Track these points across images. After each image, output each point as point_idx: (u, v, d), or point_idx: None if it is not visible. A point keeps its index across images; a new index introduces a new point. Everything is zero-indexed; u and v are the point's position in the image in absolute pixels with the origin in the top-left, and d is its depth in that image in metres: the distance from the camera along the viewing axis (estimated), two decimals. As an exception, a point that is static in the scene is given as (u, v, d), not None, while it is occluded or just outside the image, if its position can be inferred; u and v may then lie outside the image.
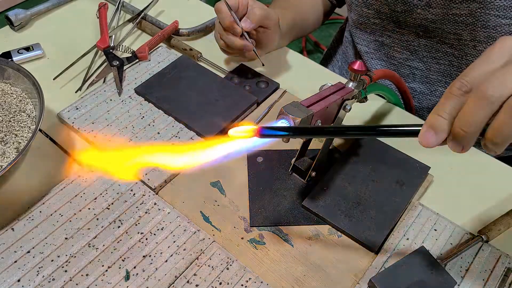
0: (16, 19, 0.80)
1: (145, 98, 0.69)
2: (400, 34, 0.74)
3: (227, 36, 0.65)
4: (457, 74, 0.73)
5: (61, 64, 0.73)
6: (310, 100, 0.50)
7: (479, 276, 0.50)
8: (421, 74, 0.76)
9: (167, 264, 0.51)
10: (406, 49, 0.75)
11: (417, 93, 0.78)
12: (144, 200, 0.56)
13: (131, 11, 0.85)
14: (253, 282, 0.50)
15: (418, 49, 0.74)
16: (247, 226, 0.55)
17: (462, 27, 0.67)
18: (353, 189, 0.57)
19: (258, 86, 0.71)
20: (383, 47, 0.78)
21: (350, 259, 0.52)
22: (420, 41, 0.73)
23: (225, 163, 0.60)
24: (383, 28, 0.75)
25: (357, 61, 0.54)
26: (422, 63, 0.75)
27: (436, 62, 0.74)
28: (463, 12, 0.65)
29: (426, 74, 0.76)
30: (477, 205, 0.58)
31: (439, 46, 0.71)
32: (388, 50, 0.77)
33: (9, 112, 0.60)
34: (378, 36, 0.77)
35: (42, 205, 0.55)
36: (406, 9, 0.69)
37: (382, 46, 0.78)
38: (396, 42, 0.75)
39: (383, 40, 0.77)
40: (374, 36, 0.78)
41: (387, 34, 0.76)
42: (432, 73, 0.75)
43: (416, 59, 0.75)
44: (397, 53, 0.76)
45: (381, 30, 0.76)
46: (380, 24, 0.75)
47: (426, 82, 0.77)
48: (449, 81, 0.75)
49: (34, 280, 0.49)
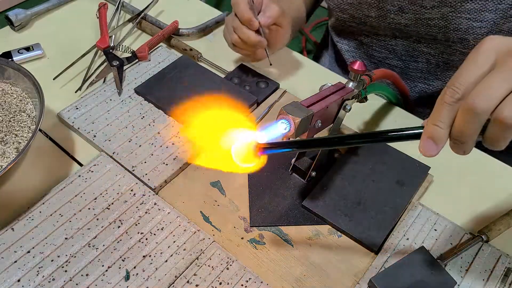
0: (16, 19, 0.80)
1: (145, 98, 0.69)
2: (377, 35, 0.76)
3: (243, 30, 0.64)
4: (434, 71, 0.75)
5: (61, 64, 0.73)
6: (310, 100, 0.50)
7: (479, 276, 0.50)
8: (401, 71, 0.77)
9: (167, 264, 0.51)
10: (384, 48, 0.76)
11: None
12: (144, 200, 0.56)
13: (131, 11, 0.85)
14: (253, 282, 0.50)
15: (396, 48, 0.75)
16: (247, 226, 0.55)
17: (435, 30, 0.68)
18: (353, 189, 0.57)
19: (258, 86, 0.71)
20: (363, 46, 0.79)
21: (350, 259, 0.52)
22: (397, 41, 0.74)
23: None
24: (360, 31, 0.77)
25: (357, 61, 0.54)
26: (400, 61, 0.76)
27: (414, 60, 0.75)
28: (435, 16, 0.66)
29: (405, 71, 0.77)
30: (477, 205, 0.58)
31: (416, 45, 0.73)
32: (367, 49, 0.79)
33: (9, 112, 0.60)
34: (356, 36, 0.79)
35: (42, 205, 0.55)
36: (380, 15, 0.71)
37: (362, 45, 0.79)
38: (374, 42, 0.77)
39: (361, 40, 0.78)
40: (353, 36, 0.79)
41: (365, 35, 0.77)
42: (411, 71, 0.77)
43: (395, 57, 0.77)
44: (376, 52, 0.78)
45: (358, 32, 0.78)
46: (357, 27, 0.77)
47: (406, 79, 0.78)
48: (428, 77, 0.76)
49: (34, 280, 0.49)
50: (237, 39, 0.66)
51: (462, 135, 0.36)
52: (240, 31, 0.64)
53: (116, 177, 0.58)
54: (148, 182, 0.58)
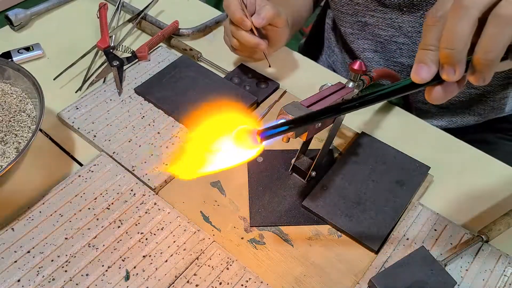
0: (16, 19, 0.80)
1: (145, 98, 0.69)
2: (383, 13, 0.74)
3: (241, 33, 0.64)
4: None
5: (61, 64, 0.73)
6: (310, 100, 0.50)
7: (479, 276, 0.50)
8: (408, 48, 0.76)
9: (167, 264, 0.51)
10: (391, 26, 0.75)
11: (405, 67, 0.78)
12: (144, 200, 0.56)
13: (131, 11, 0.85)
14: (253, 282, 0.50)
15: (403, 25, 0.74)
16: (247, 226, 0.55)
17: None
18: (353, 189, 0.57)
19: (258, 86, 0.71)
20: (367, 26, 0.78)
21: (350, 259, 0.52)
22: (403, 17, 0.73)
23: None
24: (366, 8, 0.75)
25: (357, 61, 0.54)
26: (407, 38, 0.75)
27: (421, 36, 0.74)
28: None
29: (412, 48, 0.76)
30: (477, 205, 0.58)
31: (423, 20, 0.71)
32: (373, 29, 0.77)
33: (9, 112, 0.60)
34: (361, 17, 0.77)
35: (42, 205, 0.55)
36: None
37: (366, 25, 0.78)
38: (380, 21, 0.75)
39: (366, 20, 0.77)
40: (357, 17, 0.78)
41: (370, 14, 0.76)
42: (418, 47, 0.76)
43: (401, 35, 0.76)
44: (382, 31, 0.77)
45: (364, 11, 0.76)
46: (364, 4, 0.75)
47: (413, 56, 0.77)
48: None
49: (34, 280, 0.49)
50: (236, 42, 0.67)
51: (450, 40, 0.33)
52: (238, 35, 0.65)
53: (116, 177, 0.58)
54: (148, 182, 0.58)
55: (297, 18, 0.80)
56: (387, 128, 0.67)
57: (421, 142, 0.64)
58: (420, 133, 0.66)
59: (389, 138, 0.63)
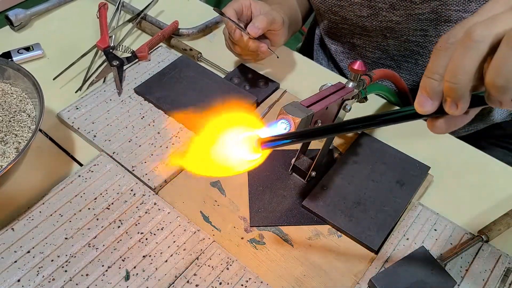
0: (16, 19, 0.80)
1: (145, 98, 0.69)
2: (368, 37, 0.77)
3: (242, 40, 0.65)
4: (421, 72, 0.76)
5: (61, 64, 0.73)
6: (310, 100, 0.50)
7: (479, 276, 0.50)
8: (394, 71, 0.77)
9: (167, 264, 0.51)
10: (377, 49, 0.77)
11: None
12: (144, 200, 0.56)
13: (131, 11, 0.85)
14: (253, 282, 0.50)
15: (388, 48, 0.76)
16: (247, 226, 0.55)
17: (426, 23, 0.69)
18: (353, 189, 0.57)
19: (258, 86, 0.71)
20: (356, 47, 0.80)
21: (350, 259, 0.52)
22: (388, 41, 0.75)
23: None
24: (352, 32, 0.78)
25: (357, 61, 0.54)
26: (393, 61, 0.78)
27: (405, 60, 0.76)
28: (425, 10, 0.67)
29: (397, 71, 0.78)
30: (477, 205, 0.58)
31: (407, 45, 0.74)
32: (361, 51, 0.80)
33: (9, 112, 0.60)
34: (349, 38, 0.79)
35: (42, 205, 0.55)
36: (372, 13, 0.72)
37: (355, 47, 0.80)
38: (367, 43, 0.78)
39: (354, 42, 0.79)
40: (345, 38, 0.80)
41: (357, 37, 0.78)
42: (402, 71, 0.78)
43: (387, 57, 0.78)
44: (369, 53, 0.79)
45: (351, 34, 0.78)
46: (348, 29, 0.77)
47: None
48: (415, 79, 0.77)
49: (34, 280, 0.49)
50: (238, 49, 0.68)
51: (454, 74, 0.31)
52: (240, 42, 0.65)
53: (116, 177, 0.58)
54: (148, 182, 0.58)
55: (294, 15, 0.80)
56: (387, 128, 0.67)
57: (421, 142, 0.64)
58: (420, 133, 0.66)
59: (389, 138, 0.63)
